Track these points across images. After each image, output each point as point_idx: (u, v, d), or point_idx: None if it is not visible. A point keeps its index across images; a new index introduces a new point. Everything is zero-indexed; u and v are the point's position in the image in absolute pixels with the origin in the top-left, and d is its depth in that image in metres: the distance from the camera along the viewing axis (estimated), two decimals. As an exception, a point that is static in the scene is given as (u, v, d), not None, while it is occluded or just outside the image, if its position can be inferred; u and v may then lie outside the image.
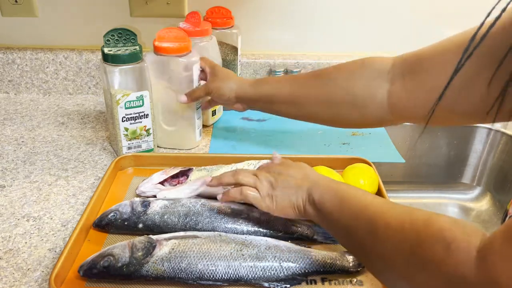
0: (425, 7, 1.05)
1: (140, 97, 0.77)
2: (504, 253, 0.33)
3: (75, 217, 0.68)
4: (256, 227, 0.62)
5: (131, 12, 1.05)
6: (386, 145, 0.92)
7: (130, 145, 0.81)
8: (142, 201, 0.64)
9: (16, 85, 1.09)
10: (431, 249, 0.38)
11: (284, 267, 0.55)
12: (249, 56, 1.08)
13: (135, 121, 0.78)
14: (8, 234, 0.64)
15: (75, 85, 1.10)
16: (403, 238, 0.42)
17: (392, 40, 1.10)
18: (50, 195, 0.73)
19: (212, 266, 0.54)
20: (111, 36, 0.75)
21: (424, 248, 0.39)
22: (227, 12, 0.95)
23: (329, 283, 0.56)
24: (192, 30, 0.86)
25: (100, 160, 0.83)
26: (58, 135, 0.92)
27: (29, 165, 0.81)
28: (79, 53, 1.06)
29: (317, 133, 0.96)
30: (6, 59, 1.06)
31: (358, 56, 1.10)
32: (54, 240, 0.63)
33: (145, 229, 0.62)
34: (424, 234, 0.40)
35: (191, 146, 0.87)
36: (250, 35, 1.07)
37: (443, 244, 0.37)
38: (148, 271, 0.53)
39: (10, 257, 0.60)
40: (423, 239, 0.39)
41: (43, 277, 0.57)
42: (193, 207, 0.63)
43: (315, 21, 1.07)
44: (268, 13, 1.06)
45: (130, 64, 0.75)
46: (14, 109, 1.03)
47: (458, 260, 0.36)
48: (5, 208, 0.69)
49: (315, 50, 1.11)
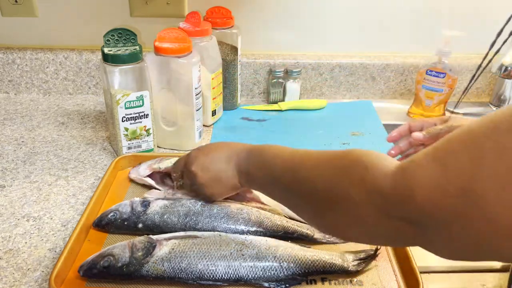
0: (425, 7, 1.05)
1: (140, 97, 0.77)
2: (424, 164, 0.34)
3: (75, 217, 0.68)
4: (256, 227, 0.62)
5: (131, 12, 1.05)
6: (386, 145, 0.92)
7: (130, 145, 0.81)
8: (142, 201, 0.64)
9: (16, 85, 1.09)
10: (350, 170, 0.41)
11: (284, 267, 0.55)
12: (249, 56, 1.08)
13: (135, 121, 0.78)
14: (8, 234, 0.64)
15: (75, 85, 1.10)
16: (324, 167, 0.44)
17: (392, 40, 1.10)
18: (50, 195, 0.73)
19: (212, 266, 0.54)
20: (111, 36, 0.75)
21: (344, 172, 0.42)
22: (227, 12, 0.95)
23: (329, 283, 0.56)
24: (192, 30, 0.86)
25: (100, 160, 0.83)
26: (58, 135, 0.92)
27: (29, 165, 0.81)
28: (79, 53, 1.06)
29: (317, 133, 0.96)
30: (6, 59, 1.06)
31: (358, 56, 1.10)
32: (54, 240, 0.63)
33: (145, 229, 0.62)
34: (343, 160, 0.43)
35: (191, 147, 0.87)
36: (250, 35, 1.07)
37: (362, 165, 0.40)
38: (148, 271, 0.53)
39: (10, 257, 0.60)
40: (342, 164, 0.42)
41: (43, 277, 0.57)
42: (193, 207, 0.63)
43: (315, 21, 1.07)
44: (268, 13, 1.06)
45: (130, 64, 0.75)
46: (14, 109, 1.03)
47: (375, 175, 0.38)
48: (5, 208, 0.69)
49: (315, 50, 1.11)
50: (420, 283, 0.53)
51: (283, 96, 1.07)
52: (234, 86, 1.02)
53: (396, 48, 1.11)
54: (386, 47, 1.11)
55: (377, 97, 1.14)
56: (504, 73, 1.01)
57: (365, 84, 1.12)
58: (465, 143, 0.32)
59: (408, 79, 1.11)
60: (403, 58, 1.10)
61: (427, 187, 0.33)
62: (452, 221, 0.32)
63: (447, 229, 0.33)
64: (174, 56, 0.78)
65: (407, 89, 1.13)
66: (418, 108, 1.03)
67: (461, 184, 0.31)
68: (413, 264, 0.56)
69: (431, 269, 0.62)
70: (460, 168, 0.31)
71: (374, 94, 1.13)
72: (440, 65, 0.97)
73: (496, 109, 1.06)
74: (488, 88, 1.13)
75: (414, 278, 0.54)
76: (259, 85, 1.11)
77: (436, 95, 0.99)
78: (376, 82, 1.11)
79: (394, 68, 1.09)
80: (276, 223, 0.63)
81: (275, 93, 1.07)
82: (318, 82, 1.11)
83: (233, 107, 1.05)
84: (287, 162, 0.51)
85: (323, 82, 1.11)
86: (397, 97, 1.14)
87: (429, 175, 0.33)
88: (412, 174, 0.35)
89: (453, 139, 0.33)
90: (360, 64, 1.09)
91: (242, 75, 1.08)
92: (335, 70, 1.09)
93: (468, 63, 1.09)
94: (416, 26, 1.08)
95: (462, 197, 0.31)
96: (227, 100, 1.02)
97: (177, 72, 0.79)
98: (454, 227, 0.32)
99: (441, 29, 0.95)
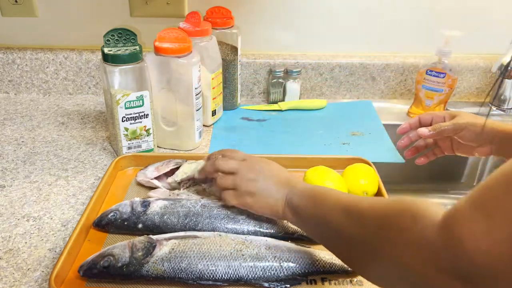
0: (425, 7, 1.05)
1: (140, 97, 0.77)
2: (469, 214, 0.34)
3: (75, 217, 0.68)
4: (256, 228, 0.62)
5: (131, 12, 1.05)
6: (386, 145, 0.92)
7: (130, 145, 0.81)
8: (142, 201, 0.64)
9: (16, 85, 1.09)
10: (398, 220, 0.40)
11: (284, 267, 0.55)
12: (249, 56, 1.08)
13: (135, 121, 0.78)
14: (8, 234, 0.64)
15: (75, 85, 1.10)
16: (372, 215, 0.44)
17: (392, 40, 1.10)
18: (50, 195, 0.73)
19: (212, 266, 0.54)
20: (111, 36, 0.75)
21: (391, 220, 0.41)
22: (227, 12, 0.95)
23: (329, 283, 0.56)
24: (192, 30, 0.86)
25: (100, 160, 0.83)
26: (58, 135, 0.92)
27: (29, 165, 0.81)
28: (79, 53, 1.06)
29: (317, 133, 0.96)
30: (6, 59, 1.06)
31: (358, 56, 1.10)
32: (54, 240, 0.63)
33: (144, 229, 0.62)
34: (392, 208, 0.42)
35: (191, 147, 0.87)
36: (250, 35, 1.07)
37: (410, 214, 0.39)
38: (148, 271, 0.53)
39: (10, 257, 0.60)
40: (391, 212, 0.42)
41: (43, 277, 0.57)
42: (193, 207, 0.63)
43: (315, 21, 1.07)
44: (268, 13, 1.06)
45: (130, 64, 0.75)
46: (14, 109, 1.03)
47: (423, 226, 0.37)
48: (5, 208, 0.69)
49: (315, 50, 1.11)
50: (420, 283, 0.53)
51: (283, 96, 1.07)
52: (234, 86, 1.02)
53: (396, 48, 1.11)
54: (386, 47, 1.11)
55: (377, 97, 1.14)
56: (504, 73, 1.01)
57: (365, 84, 1.12)
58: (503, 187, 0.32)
59: (408, 79, 1.11)
60: (403, 58, 1.10)
61: (475, 236, 0.32)
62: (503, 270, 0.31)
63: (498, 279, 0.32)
64: (174, 56, 0.78)
65: (407, 89, 1.13)
66: (418, 108, 1.03)
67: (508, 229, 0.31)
68: (413, 264, 0.55)
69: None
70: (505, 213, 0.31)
71: (374, 94, 1.13)
72: (440, 65, 0.97)
73: (495, 109, 1.06)
74: (488, 88, 1.13)
75: (414, 278, 0.54)
76: (259, 85, 1.11)
77: (436, 95, 0.99)
78: (376, 82, 1.11)
79: (394, 68, 1.09)
80: (276, 223, 0.63)
81: (275, 93, 1.07)
82: (318, 82, 1.11)
83: (233, 107, 1.05)
84: (340, 203, 0.50)
85: (323, 82, 1.11)
86: (397, 97, 1.14)
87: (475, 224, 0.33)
88: (459, 225, 0.34)
89: (491, 185, 0.33)
90: (360, 64, 1.09)
91: (242, 75, 1.08)
92: (335, 70, 1.09)
93: (468, 63, 1.09)
94: (416, 26, 1.08)
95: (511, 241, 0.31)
96: (227, 100, 1.02)
97: (177, 72, 0.79)
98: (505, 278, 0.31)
99: (441, 29, 0.95)
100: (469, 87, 1.13)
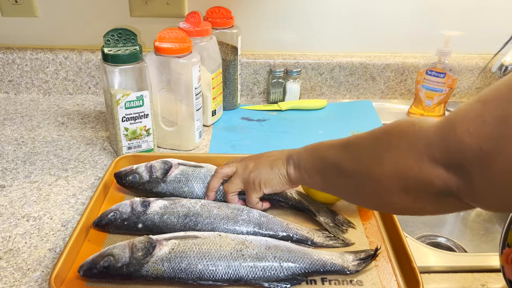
0: (425, 7, 1.05)
1: (140, 97, 0.77)
2: (468, 104, 0.36)
3: (75, 217, 0.68)
4: (256, 229, 0.62)
5: (131, 12, 1.05)
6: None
7: (130, 145, 0.81)
8: (142, 201, 0.64)
9: (16, 85, 1.09)
10: (397, 128, 0.43)
11: (284, 267, 0.55)
12: (249, 56, 1.08)
13: (135, 121, 0.79)
14: (8, 234, 0.64)
15: (75, 85, 1.10)
16: (369, 134, 0.47)
17: (392, 40, 1.10)
18: (50, 195, 0.73)
19: (212, 266, 0.54)
20: (111, 36, 0.75)
21: (390, 130, 0.44)
22: (227, 12, 0.95)
23: (329, 283, 0.56)
24: (192, 30, 0.86)
25: (100, 160, 0.83)
26: (58, 135, 0.92)
27: (29, 165, 0.81)
28: (79, 53, 1.06)
29: (317, 133, 0.96)
30: (6, 59, 1.06)
31: (358, 56, 1.10)
32: (54, 240, 0.63)
33: (144, 229, 0.62)
34: (390, 125, 0.45)
35: (191, 147, 0.87)
36: (250, 35, 1.07)
37: (408, 123, 0.42)
38: (148, 271, 0.53)
39: (10, 257, 0.60)
40: (389, 126, 0.45)
41: (43, 277, 0.57)
42: (192, 207, 0.63)
43: (315, 21, 1.07)
44: (268, 13, 1.06)
45: (130, 64, 0.75)
46: (14, 109, 1.03)
47: (422, 127, 0.39)
48: (5, 208, 0.69)
49: (315, 50, 1.11)
50: (420, 283, 0.53)
51: (283, 96, 1.07)
52: (234, 86, 1.02)
53: (396, 48, 1.11)
54: (386, 47, 1.11)
55: (377, 97, 1.14)
56: (504, 73, 1.01)
57: (365, 84, 1.12)
58: (507, 82, 0.33)
59: (408, 79, 1.11)
60: (403, 58, 1.10)
61: (467, 120, 0.34)
62: (491, 151, 0.32)
63: (488, 165, 0.33)
64: (174, 56, 0.78)
65: (407, 89, 1.13)
66: (418, 108, 1.03)
67: (497, 112, 0.32)
68: (413, 264, 0.56)
69: (431, 269, 0.62)
70: (499, 99, 0.33)
71: (374, 94, 1.13)
72: (440, 65, 0.97)
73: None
74: (488, 88, 1.13)
75: (414, 278, 0.54)
76: (259, 85, 1.11)
77: (436, 95, 0.99)
78: (376, 82, 1.11)
79: (394, 68, 1.09)
80: (276, 225, 0.63)
81: (275, 93, 1.07)
82: (318, 82, 1.11)
83: (233, 107, 1.05)
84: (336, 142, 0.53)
85: (323, 82, 1.11)
86: (397, 97, 1.14)
87: (470, 110, 0.35)
88: (456, 114, 0.36)
89: (499, 83, 0.34)
90: (360, 64, 1.09)
91: (242, 75, 1.09)
92: (335, 70, 1.09)
93: (468, 63, 1.09)
94: (416, 26, 1.08)
95: (499, 124, 0.32)
96: (227, 100, 1.02)
97: (177, 72, 0.79)
98: (494, 161, 0.32)
99: (441, 29, 0.95)
100: (469, 87, 1.13)
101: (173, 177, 0.69)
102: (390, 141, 0.43)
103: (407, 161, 0.40)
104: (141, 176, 0.69)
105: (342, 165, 0.50)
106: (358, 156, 0.48)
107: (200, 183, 0.69)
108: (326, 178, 0.55)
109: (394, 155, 0.42)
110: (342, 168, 0.50)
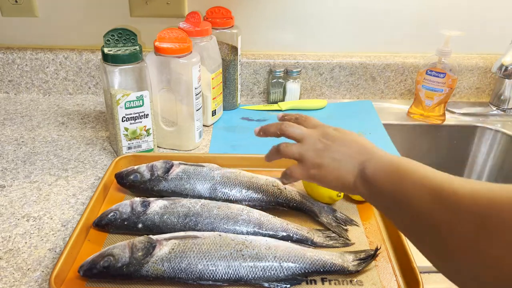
0: (425, 7, 1.05)
1: (140, 97, 0.77)
2: None
3: (75, 217, 0.68)
4: (256, 229, 0.62)
5: (131, 12, 1.05)
6: (386, 145, 0.92)
7: (130, 145, 0.81)
8: (142, 201, 0.64)
9: (16, 85, 1.09)
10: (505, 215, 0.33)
11: (284, 267, 0.55)
12: (249, 56, 1.08)
13: (135, 121, 0.79)
14: (8, 234, 0.64)
15: (75, 85, 1.10)
16: (472, 203, 0.36)
17: (392, 40, 1.10)
18: (50, 195, 0.73)
19: (212, 266, 0.54)
20: (111, 36, 0.75)
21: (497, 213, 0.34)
22: (227, 12, 0.95)
23: (329, 283, 0.56)
24: (192, 30, 0.86)
25: (100, 160, 0.83)
26: (58, 135, 0.92)
27: (29, 165, 0.81)
28: (79, 53, 1.06)
29: (317, 133, 0.95)
30: (6, 59, 1.06)
31: (358, 56, 1.10)
32: (54, 240, 0.63)
33: (144, 229, 0.62)
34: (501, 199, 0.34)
35: (191, 147, 0.87)
36: (250, 35, 1.07)
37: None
38: (148, 271, 0.53)
39: (10, 257, 0.60)
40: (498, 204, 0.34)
41: (43, 277, 0.57)
42: (192, 207, 0.63)
43: (315, 21, 1.07)
44: (268, 13, 1.06)
45: (130, 64, 0.75)
46: (14, 109, 1.03)
47: None
48: (5, 208, 0.69)
49: (315, 50, 1.11)
50: (420, 283, 0.53)
51: (283, 96, 1.07)
52: (234, 86, 1.02)
53: (396, 48, 1.11)
54: (386, 47, 1.11)
55: (377, 97, 1.14)
56: (504, 73, 1.01)
57: (365, 84, 1.12)
58: None
59: (408, 79, 1.11)
60: (403, 58, 1.10)
61: None
62: None
63: None
64: (174, 56, 0.78)
65: (407, 89, 1.13)
66: (418, 108, 1.03)
67: None
68: (413, 264, 0.56)
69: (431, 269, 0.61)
70: None
71: (374, 94, 1.13)
72: (440, 65, 0.97)
73: (495, 109, 1.06)
74: (488, 88, 1.13)
75: (414, 278, 0.54)
76: (259, 85, 1.11)
77: (436, 95, 0.99)
78: (376, 82, 1.11)
79: (394, 68, 1.09)
80: (276, 225, 0.63)
81: (275, 93, 1.07)
82: (318, 82, 1.11)
83: (233, 107, 1.05)
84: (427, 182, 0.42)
85: (323, 82, 1.11)
86: (397, 97, 1.14)
87: None
88: None
89: None
90: (360, 64, 1.09)
91: (242, 75, 1.09)
92: (335, 70, 1.09)
93: (468, 63, 1.09)
94: (416, 26, 1.08)
95: None
96: (227, 100, 1.02)
97: (177, 72, 0.79)
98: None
99: (441, 29, 0.95)
100: (469, 87, 1.13)
101: (174, 175, 0.69)
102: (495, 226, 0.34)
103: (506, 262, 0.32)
104: (143, 175, 0.69)
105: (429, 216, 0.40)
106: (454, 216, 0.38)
107: (202, 181, 0.69)
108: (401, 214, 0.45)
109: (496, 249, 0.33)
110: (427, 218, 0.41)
